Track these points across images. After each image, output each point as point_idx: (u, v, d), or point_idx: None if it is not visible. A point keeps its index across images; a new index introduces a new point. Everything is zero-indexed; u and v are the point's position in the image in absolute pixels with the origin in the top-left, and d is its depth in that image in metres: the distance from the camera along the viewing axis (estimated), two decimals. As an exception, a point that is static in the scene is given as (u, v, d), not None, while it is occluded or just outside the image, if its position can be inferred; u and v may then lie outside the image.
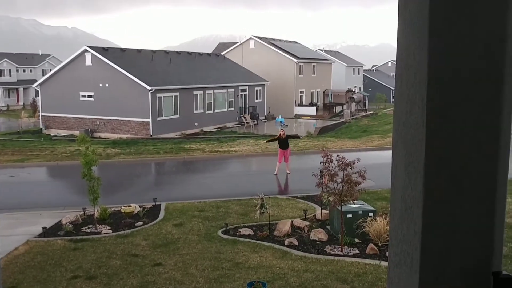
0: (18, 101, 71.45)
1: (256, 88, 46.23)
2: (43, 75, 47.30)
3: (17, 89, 72.53)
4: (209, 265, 10.11)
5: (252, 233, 12.37)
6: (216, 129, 39.39)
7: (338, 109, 52.14)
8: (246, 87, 44.75)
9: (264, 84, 47.05)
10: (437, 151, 1.20)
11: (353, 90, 58.89)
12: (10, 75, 71.80)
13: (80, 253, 11.12)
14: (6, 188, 19.32)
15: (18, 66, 73.90)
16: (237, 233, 12.39)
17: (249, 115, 43.20)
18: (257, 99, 46.15)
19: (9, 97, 70.98)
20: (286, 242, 11.64)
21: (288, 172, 20.55)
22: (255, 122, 42.34)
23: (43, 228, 12.92)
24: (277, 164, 20.70)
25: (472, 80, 1.16)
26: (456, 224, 1.21)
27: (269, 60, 50.28)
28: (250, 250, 11.08)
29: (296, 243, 11.64)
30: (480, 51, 1.15)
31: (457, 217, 1.21)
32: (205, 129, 38.22)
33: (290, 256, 10.73)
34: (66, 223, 13.38)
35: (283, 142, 21.14)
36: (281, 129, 23.36)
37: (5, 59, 71.46)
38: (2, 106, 65.27)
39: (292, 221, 12.91)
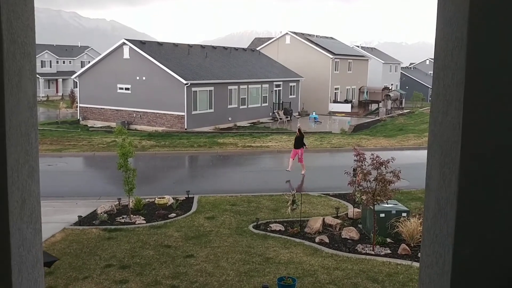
0: (57, 91, 73.34)
1: (291, 84, 46.10)
2: (82, 67, 48.44)
3: (56, 80, 74.45)
4: (240, 258, 10.19)
5: (283, 229, 12.40)
6: (249, 124, 39.49)
7: (373, 107, 51.48)
8: (281, 83, 44.69)
9: (298, 80, 46.89)
10: (473, 153, 1.19)
11: (390, 88, 58.02)
12: (50, 66, 73.75)
13: (114, 242, 11.37)
14: (44, 176, 19.87)
15: (58, 57, 75.79)
16: (268, 228, 12.44)
17: (282, 111, 43.13)
18: (291, 95, 46.03)
19: (49, 88, 72.93)
20: (317, 239, 11.62)
21: (303, 173, 20.03)
22: (289, 118, 42.24)
23: (79, 216, 13.27)
24: (290, 160, 20.47)
25: (510, 83, 1.15)
26: (490, 227, 1.20)
27: (304, 55, 50.03)
28: (281, 245, 11.11)
29: (327, 240, 11.61)
30: None
31: (491, 220, 1.20)
32: (238, 124, 38.38)
33: (320, 253, 10.72)
34: (101, 213, 13.71)
35: (298, 141, 20.82)
36: (298, 128, 22.95)
37: (46, 51, 73.38)
38: (42, 97, 67.12)
39: (323, 219, 12.88)
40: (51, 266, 8.57)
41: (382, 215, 11.72)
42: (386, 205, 11.90)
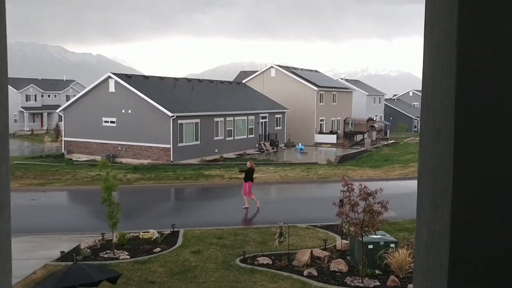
0: (42, 125, 72.85)
1: (276, 116, 46.37)
2: (67, 101, 48.29)
3: (41, 114, 74.05)
4: (226, 294, 9.97)
5: (270, 262, 12.20)
6: (236, 155, 39.44)
7: (358, 137, 51.87)
8: (267, 115, 44.93)
9: (284, 112, 47.19)
10: (465, 182, 1.13)
11: (374, 119, 58.64)
12: (35, 100, 73.44)
13: (97, 278, 11.07)
14: (27, 211, 19.50)
15: (43, 91, 75.58)
16: (255, 262, 12.23)
17: (269, 142, 43.24)
18: (277, 126, 46.25)
19: (33, 122, 72.45)
20: (305, 273, 11.43)
21: (246, 206, 19.74)
22: (275, 149, 42.30)
23: (61, 252, 12.95)
24: (244, 197, 20.05)
25: (502, 109, 1.10)
26: (486, 261, 1.13)
27: (289, 88, 50.55)
28: (268, 279, 10.90)
29: (315, 273, 11.43)
30: (510, 78, 1.10)
31: (487, 253, 1.14)
32: (225, 155, 38.31)
33: (309, 286, 10.53)
34: (85, 248, 13.40)
35: (249, 174, 20.57)
36: (249, 162, 22.58)
37: (31, 85, 73.21)
38: (26, 131, 66.59)
39: (311, 251, 12.71)
40: (116, 282, 8.47)
41: (371, 246, 11.60)
42: (375, 236, 11.79)
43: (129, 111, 36.16)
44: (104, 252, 13.22)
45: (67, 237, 15.07)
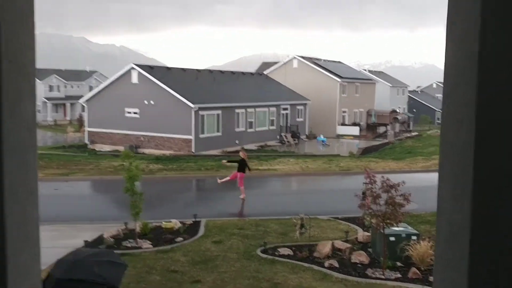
0: (65, 116, 73.89)
1: (298, 107, 46.22)
2: (90, 91, 48.87)
3: (64, 104, 75.10)
4: (248, 284, 10.03)
5: (291, 253, 12.23)
6: (256, 147, 39.48)
7: (381, 129, 51.40)
8: (288, 106, 44.81)
9: (306, 103, 47.00)
10: (486, 173, 1.13)
11: (397, 111, 58.02)
12: (58, 91, 74.50)
13: (121, 267, 11.25)
14: (50, 201, 19.89)
15: (66, 82, 76.59)
16: (276, 253, 12.27)
17: (290, 134, 43.15)
18: (298, 118, 46.11)
19: (56, 112, 73.54)
20: (326, 264, 11.44)
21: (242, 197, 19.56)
22: (296, 141, 42.21)
23: (85, 241, 13.17)
24: (241, 188, 19.76)
25: None
26: (506, 251, 1.13)
27: (312, 79, 50.27)
28: (289, 270, 10.94)
29: (336, 265, 11.42)
30: None
31: (507, 243, 1.14)
32: (246, 147, 38.37)
33: (330, 278, 10.53)
34: (108, 237, 13.60)
35: (242, 164, 20.35)
36: (241, 152, 22.26)
37: (54, 75, 74.23)
38: (50, 121, 67.66)
39: (332, 243, 12.70)
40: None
41: (392, 238, 11.54)
42: (396, 229, 11.72)
43: (152, 102, 36.45)
44: (127, 241, 13.41)
45: (90, 226, 15.32)
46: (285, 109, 44.47)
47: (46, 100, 70.54)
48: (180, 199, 21.70)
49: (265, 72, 52.13)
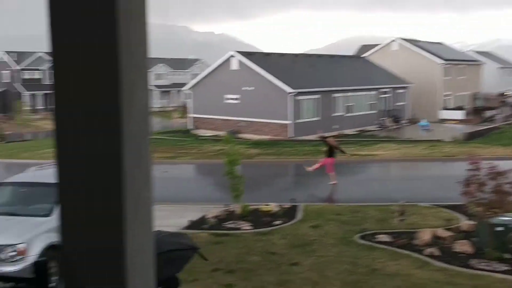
0: (171, 103, 77.59)
1: (399, 91, 44.71)
2: (193, 79, 50.75)
3: (170, 92, 78.84)
4: (345, 269, 10.08)
5: (390, 240, 12.04)
6: (355, 132, 38.88)
7: (488, 113, 48.22)
8: (388, 90, 43.51)
9: (407, 87, 45.32)
10: None
11: (507, 94, 54.01)
12: (164, 79, 78.33)
13: (222, 247, 11.78)
14: (158, 183, 21.11)
15: (172, 70, 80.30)
16: (375, 239, 12.15)
17: (390, 118, 41.93)
18: (399, 102, 44.62)
19: (163, 99, 77.43)
20: (426, 252, 11.13)
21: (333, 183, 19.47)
22: (397, 126, 40.95)
23: (190, 221, 13.94)
24: (331, 174, 19.69)
25: None
26: None
27: (413, 62, 48.28)
28: (388, 257, 10.81)
29: (437, 253, 11.08)
30: None
31: None
32: (344, 132, 37.96)
33: (430, 266, 10.26)
34: (210, 218, 14.27)
35: (331, 150, 20.09)
36: (330, 138, 21.80)
37: (162, 64, 78.12)
38: (157, 108, 71.39)
39: (433, 231, 12.30)
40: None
41: (499, 228, 10.94)
42: (504, 218, 11.09)
43: (251, 88, 37.17)
44: (228, 223, 13.97)
45: (194, 207, 16.13)
46: (385, 92, 43.24)
47: (154, 88, 74.44)
48: (278, 183, 22.08)
49: (364, 55, 50.92)
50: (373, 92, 41.94)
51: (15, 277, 2.46)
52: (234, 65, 38.35)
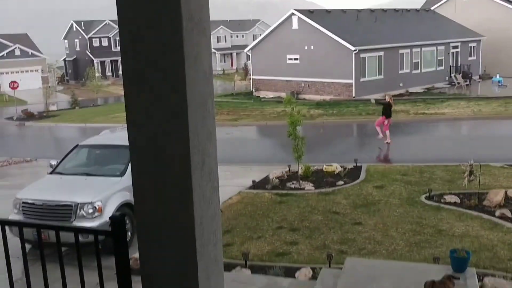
0: (232, 65, 77.88)
1: (470, 45, 42.39)
2: (253, 40, 50.46)
3: (231, 54, 78.99)
4: (410, 229, 9.89)
5: (458, 201, 11.66)
6: (422, 90, 37.50)
7: None
8: (458, 44, 41.35)
9: (479, 40, 42.86)
10: None
11: None
12: (225, 41, 78.42)
13: (285, 206, 11.88)
14: (222, 144, 21.47)
15: (232, 32, 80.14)
16: (442, 200, 11.80)
17: (460, 74, 39.99)
18: (470, 56, 42.37)
19: (224, 62, 77.80)
20: (497, 213, 10.70)
21: (389, 142, 19.40)
22: (468, 82, 39.06)
23: (253, 181, 14.12)
24: (386, 132, 19.59)
25: None
26: None
27: (486, 13, 45.37)
28: (455, 218, 10.49)
29: (509, 215, 10.62)
30: None
31: None
32: (410, 90, 36.69)
33: (501, 228, 9.86)
34: (273, 178, 14.39)
35: (386, 109, 19.78)
36: (387, 96, 21.13)
37: (221, 26, 78.08)
38: (218, 70, 71.94)
39: (506, 192, 11.77)
40: None
41: None
42: None
43: (312, 47, 36.51)
44: (291, 183, 14.04)
45: (257, 168, 16.31)
46: (455, 47, 41.15)
47: (215, 51, 74.91)
48: (341, 144, 21.83)
49: (432, 8, 48.43)
50: (442, 47, 40.01)
51: (94, 230, 2.66)
52: (295, 24, 37.68)
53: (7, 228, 3.21)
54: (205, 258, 2.70)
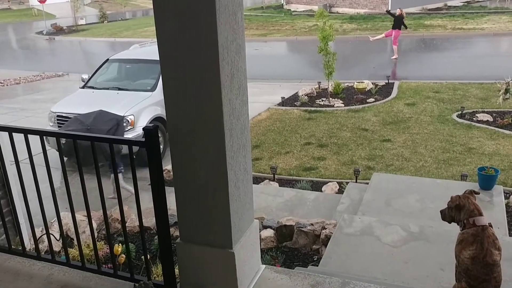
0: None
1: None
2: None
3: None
4: (439, 146, 9.86)
5: (491, 119, 11.46)
6: (462, 3, 35.66)
7: None
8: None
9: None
10: None
11: None
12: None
13: (314, 123, 11.92)
14: (251, 60, 21.23)
15: None
16: (474, 118, 11.62)
17: (503, -13, 37.68)
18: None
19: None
20: (531, 132, 10.52)
21: (396, 57, 19.40)
22: (511, -4, 36.85)
23: (282, 98, 14.10)
24: (394, 46, 19.41)
25: None
26: None
27: None
28: (487, 136, 10.37)
29: (543, 134, 10.43)
30: None
31: None
32: (449, 3, 34.94)
33: (533, 147, 9.74)
34: (302, 95, 14.33)
35: (397, 21, 19.36)
36: (399, 9, 20.14)
37: None
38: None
39: (541, 110, 11.49)
40: None
41: None
42: None
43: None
44: (320, 100, 13.96)
45: (286, 85, 16.21)
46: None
47: (244, -39, 71.92)
48: (373, 60, 21.31)
49: None
50: (486, -43, 37.49)
51: (129, 140, 2.77)
52: None
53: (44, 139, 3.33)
54: (234, 168, 2.79)
